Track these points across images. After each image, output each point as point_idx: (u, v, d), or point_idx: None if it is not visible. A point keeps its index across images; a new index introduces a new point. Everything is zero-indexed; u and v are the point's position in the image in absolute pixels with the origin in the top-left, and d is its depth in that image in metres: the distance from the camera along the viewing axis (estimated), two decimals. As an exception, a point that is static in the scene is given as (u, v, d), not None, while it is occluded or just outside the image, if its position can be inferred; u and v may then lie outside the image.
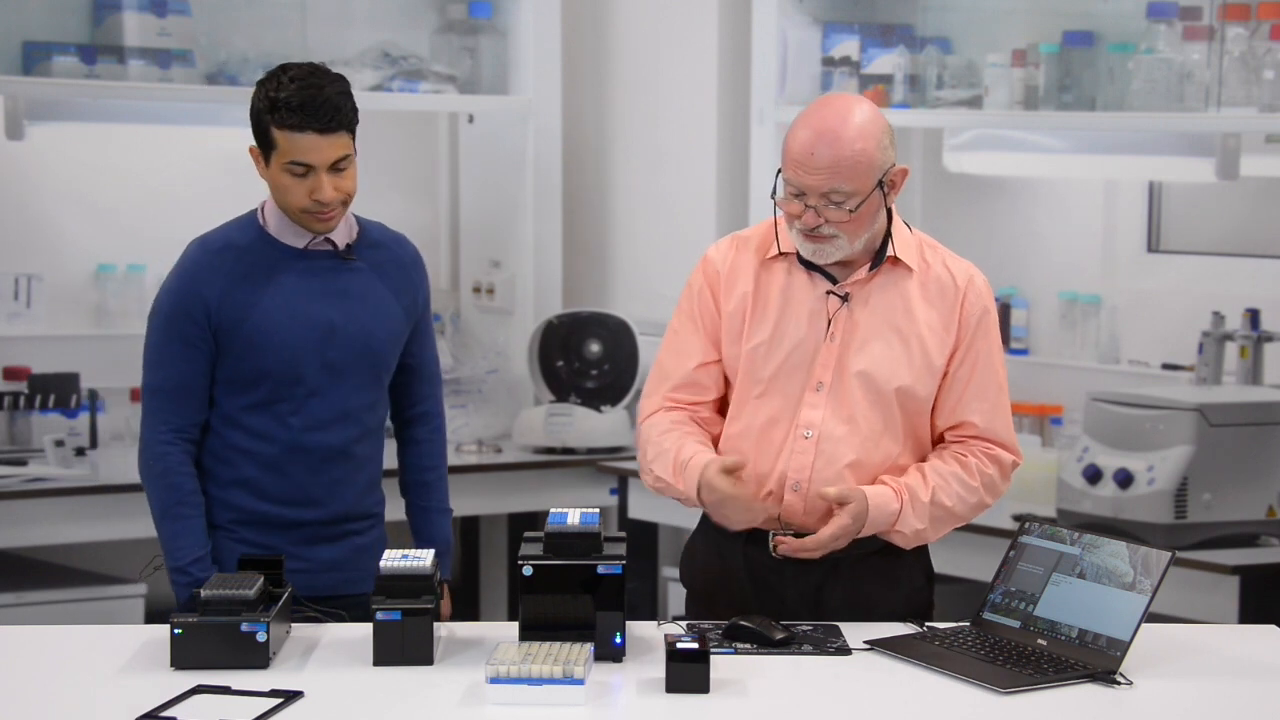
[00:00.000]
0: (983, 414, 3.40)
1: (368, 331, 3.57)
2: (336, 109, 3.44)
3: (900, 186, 3.35)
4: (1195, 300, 5.40)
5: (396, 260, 3.64)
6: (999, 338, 3.45)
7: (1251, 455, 4.65)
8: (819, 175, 3.26)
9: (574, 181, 6.42)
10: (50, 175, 5.91)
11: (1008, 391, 3.45)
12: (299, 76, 3.44)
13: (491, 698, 2.89)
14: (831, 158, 3.25)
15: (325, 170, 3.44)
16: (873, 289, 3.39)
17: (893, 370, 3.36)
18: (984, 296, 3.42)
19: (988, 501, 3.42)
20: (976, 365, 3.39)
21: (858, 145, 3.26)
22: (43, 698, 2.97)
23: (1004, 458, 3.41)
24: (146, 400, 3.55)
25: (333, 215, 3.49)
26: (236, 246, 3.53)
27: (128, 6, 5.61)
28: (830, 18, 5.78)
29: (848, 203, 3.27)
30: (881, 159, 3.29)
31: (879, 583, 3.40)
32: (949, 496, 3.37)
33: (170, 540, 3.51)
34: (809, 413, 3.37)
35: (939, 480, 3.37)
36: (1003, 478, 3.43)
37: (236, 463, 3.54)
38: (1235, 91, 5.00)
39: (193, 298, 3.49)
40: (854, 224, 3.30)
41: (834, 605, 3.39)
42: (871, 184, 3.28)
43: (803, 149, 3.27)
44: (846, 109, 3.31)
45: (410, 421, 3.73)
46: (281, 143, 3.44)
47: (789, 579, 3.40)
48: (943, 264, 3.42)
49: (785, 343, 3.39)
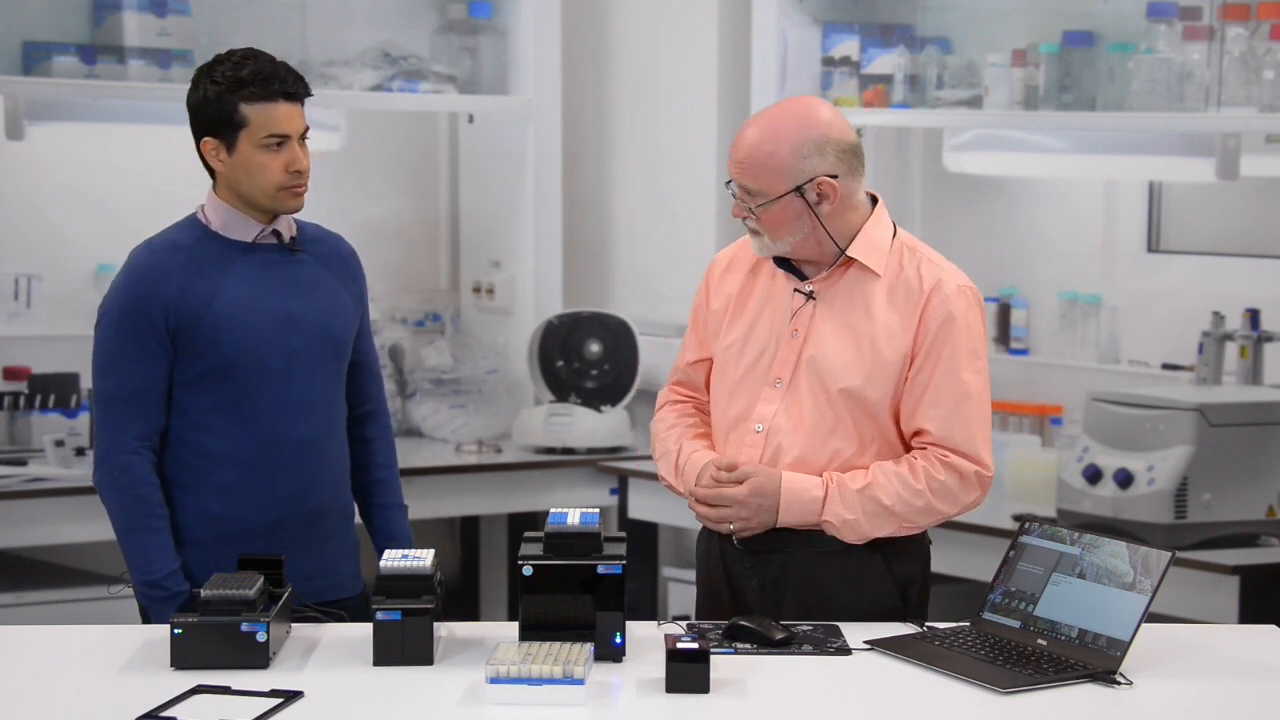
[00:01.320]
0: (937, 421, 3.34)
1: (327, 319, 3.56)
2: (298, 77, 3.50)
3: (833, 198, 3.32)
4: (1195, 300, 5.40)
5: (338, 253, 3.65)
6: (972, 346, 3.35)
7: (1251, 455, 4.66)
8: (733, 168, 3.36)
9: (574, 181, 6.42)
10: (50, 175, 5.91)
11: (979, 400, 3.35)
12: (248, 55, 3.48)
13: (491, 698, 2.90)
14: (741, 153, 3.34)
15: (296, 140, 3.47)
16: (839, 289, 3.40)
17: (841, 369, 3.36)
18: (951, 302, 3.34)
19: (940, 508, 3.35)
20: (935, 371, 3.34)
21: (766, 148, 3.31)
22: (43, 698, 2.97)
23: (962, 466, 3.33)
24: (103, 409, 3.48)
25: (305, 189, 3.51)
26: (183, 246, 3.50)
27: (128, 6, 5.61)
28: (830, 18, 5.78)
29: (755, 200, 3.33)
30: (796, 166, 3.31)
31: (837, 584, 3.38)
32: (886, 494, 3.33)
33: (140, 553, 3.44)
34: (763, 407, 3.41)
35: (878, 477, 3.34)
36: (963, 488, 3.34)
37: (209, 468, 3.49)
38: (1235, 91, 5.00)
39: (148, 300, 3.45)
40: (766, 223, 3.34)
41: (791, 602, 3.39)
42: (781, 188, 3.31)
43: (737, 136, 3.37)
44: (785, 110, 3.37)
45: (360, 420, 3.70)
46: (255, 118, 3.44)
47: (748, 570, 3.43)
48: (916, 269, 3.38)
49: (755, 342, 3.44)
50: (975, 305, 3.39)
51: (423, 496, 5.57)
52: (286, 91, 3.45)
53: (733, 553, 3.44)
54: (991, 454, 3.39)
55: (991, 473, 3.38)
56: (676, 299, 6.20)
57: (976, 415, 3.36)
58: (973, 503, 3.38)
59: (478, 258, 6.44)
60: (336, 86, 5.88)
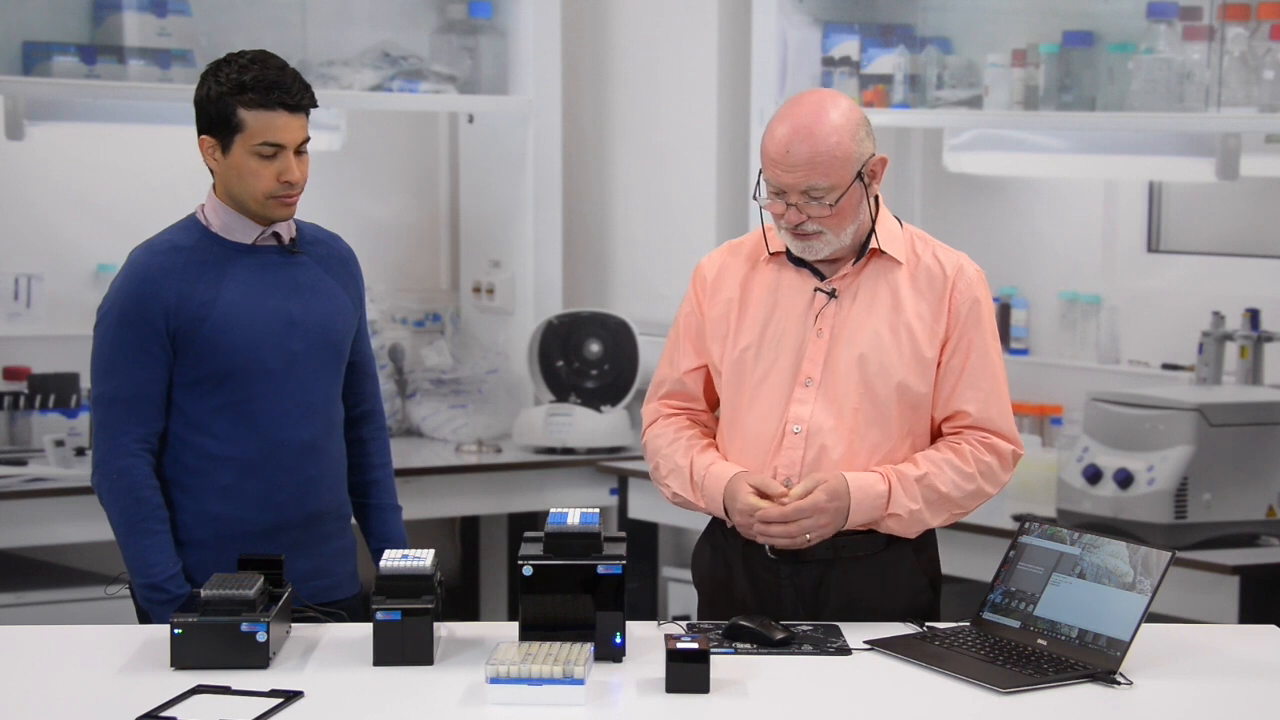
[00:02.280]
0: (976, 403, 3.38)
1: (326, 321, 3.56)
2: (304, 88, 3.47)
3: (881, 175, 3.36)
4: (1195, 300, 5.40)
5: (336, 255, 3.64)
6: (993, 328, 3.43)
7: (1251, 455, 4.65)
8: (796, 173, 3.28)
9: (574, 181, 6.43)
10: (50, 175, 5.91)
11: (1005, 381, 3.43)
12: (257, 59, 3.46)
13: (491, 698, 2.89)
14: (808, 154, 3.27)
15: (293, 151, 3.45)
16: (861, 283, 3.40)
17: (884, 362, 3.36)
18: (975, 286, 3.40)
19: (987, 490, 3.39)
20: (970, 354, 3.38)
21: (832, 140, 3.28)
22: (43, 698, 2.97)
23: (1002, 447, 3.39)
24: (102, 412, 3.47)
25: (296, 199, 3.50)
26: (183, 248, 3.49)
27: (128, 6, 5.61)
28: (830, 18, 5.77)
29: (827, 197, 3.29)
30: (858, 151, 3.30)
31: (877, 585, 3.39)
32: (943, 482, 3.35)
33: (140, 556, 3.44)
34: (798, 408, 3.38)
35: (931, 466, 3.35)
36: (1003, 467, 3.40)
37: (209, 470, 3.48)
38: (1235, 91, 5.00)
39: (148, 302, 3.44)
40: (836, 218, 3.31)
41: (832, 607, 3.38)
42: (850, 176, 3.29)
43: (779, 148, 3.29)
44: (819, 104, 3.33)
45: (356, 421, 3.70)
46: (251, 124, 3.43)
47: (785, 578, 3.40)
48: (933, 255, 3.41)
49: (773, 343, 3.41)
50: (988, 287, 3.46)
51: (422, 496, 5.58)
52: (287, 103, 3.43)
53: (767, 562, 3.41)
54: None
55: (1023, 451, 3.45)
56: (676, 299, 6.18)
57: (1006, 395, 3.43)
58: (1007, 481, 3.43)
59: (478, 258, 6.44)
60: (336, 86, 5.88)
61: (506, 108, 6.19)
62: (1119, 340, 5.65)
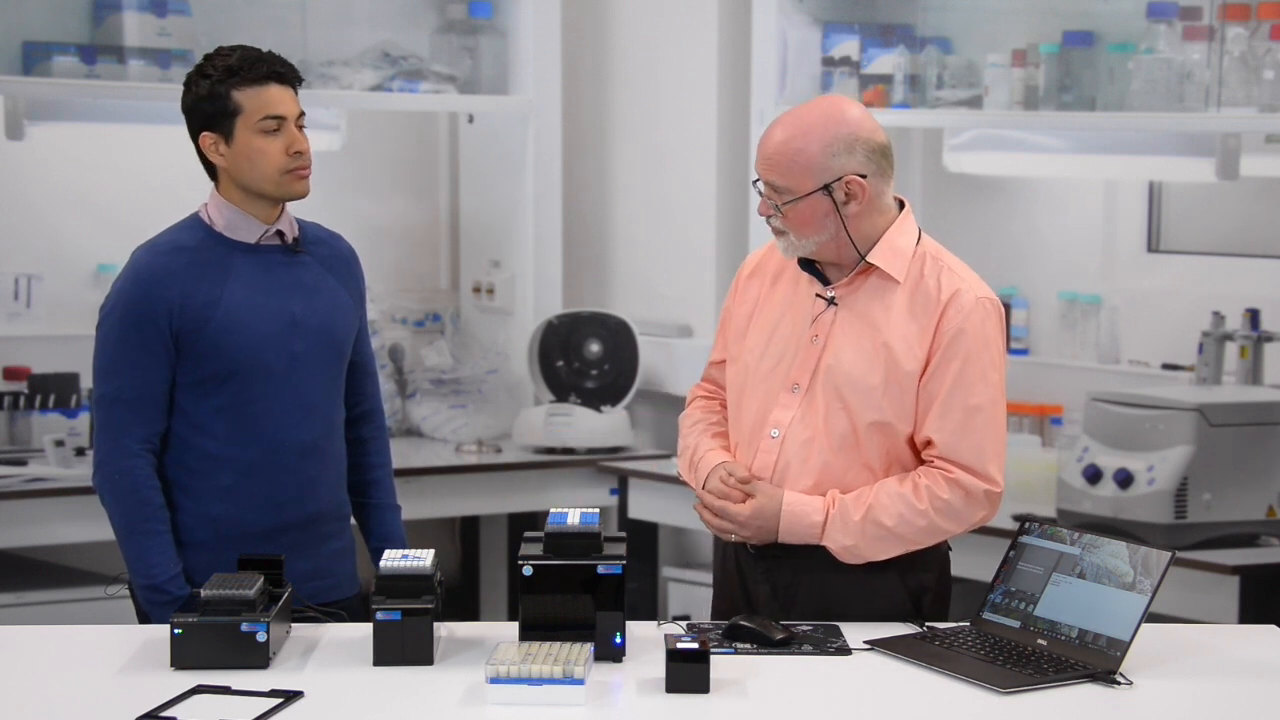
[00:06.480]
0: (944, 433, 3.29)
1: (328, 322, 3.56)
2: (287, 63, 3.51)
3: (861, 198, 3.29)
4: (1195, 300, 5.40)
5: (338, 254, 3.65)
6: (990, 360, 3.32)
7: (1251, 455, 4.66)
8: (761, 164, 3.33)
9: (574, 181, 6.43)
10: (50, 175, 5.91)
11: (990, 415, 3.31)
12: (236, 48, 3.50)
13: (491, 698, 2.90)
14: (771, 148, 3.31)
15: (294, 123, 3.47)
16: (860, 295, 3.37)
17: (857, 377, 3.32)
18: (967, 315, 3.31)
19: (944, 526, 3.31)
20: (945, 383, 3.30)
21: (797, 144, 3.28)
22: (43, 698, 2.97)
23: (968, 483, 3.29)
24: (104, 411, 3.47)
25: (309, 172, 3.50)
26: (187, 248, 3.49)
27: (128, 6, 5.61)
28: (830, 18, 5.78)
29: (782, 196, 3.30)
30: (825, 163, 3.27)
31: (848, 591, 3.36)
32: (889, 516, 3.29)
33: (141, 557, 3.43)
34: (780, 413, 3.38)
35: (881, 498, 3.30)
36: (968, 504, 3.30)
37: (210, 471, 3.48)
38: (1235, 91, 5.00)
39: (153, 302, 3.44)
40: (792, 221, 3.31)
41: (802, 608, 3.38)
42: (810, 185, 3.28)
43: (763, 135, 3.35)
44: (816, 108, 3.34)
45: (356, 420, 3.70)
46: (248, 103, 3.44)
47: (760, 576, 3.42)
48: (936, 277, 3.34)
49: (775, 346, 3.41)
50: (993, 317, 3.35)
51: (422, 496, 5.58)
52: (277, 73, 3.47)
53: (746, 556, 3.44)
54: (1003, 470, 3.33)
55: (1001, 489, 3.32)
56: (676, 299, 6.21)
57: (988, 430, 3.31)
58: (981, 519, 3.34)
59: (478, 258, 6.44)
60: (336, 86, 5.89)
61: (506, 108, 6.19)
62: (1119, 340, 5.65)
